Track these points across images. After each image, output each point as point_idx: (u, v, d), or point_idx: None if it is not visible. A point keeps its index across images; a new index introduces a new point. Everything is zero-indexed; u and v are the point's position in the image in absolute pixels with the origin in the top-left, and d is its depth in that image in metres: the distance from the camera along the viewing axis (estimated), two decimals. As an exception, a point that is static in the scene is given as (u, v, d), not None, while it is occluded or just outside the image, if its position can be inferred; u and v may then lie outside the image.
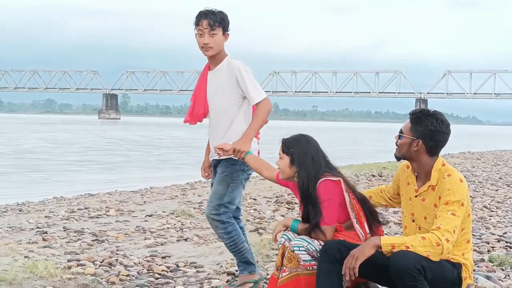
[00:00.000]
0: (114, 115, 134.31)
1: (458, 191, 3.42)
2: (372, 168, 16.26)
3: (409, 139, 3.57)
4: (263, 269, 5.24)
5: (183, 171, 20.66)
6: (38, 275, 4.73)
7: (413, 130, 3.57)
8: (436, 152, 3.56)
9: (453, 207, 3.38)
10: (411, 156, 3.59)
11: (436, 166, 3.54)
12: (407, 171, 3.72)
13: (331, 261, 3.50)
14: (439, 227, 3.33)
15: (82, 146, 33.83)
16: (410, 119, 3.63)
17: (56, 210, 9.02)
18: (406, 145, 3.58)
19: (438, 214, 3.40)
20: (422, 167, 3.58)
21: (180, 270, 5.22)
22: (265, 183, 13.55)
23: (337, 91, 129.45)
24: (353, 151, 38.14)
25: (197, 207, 9.36)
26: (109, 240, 6.61)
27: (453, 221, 3.35)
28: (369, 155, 29.90)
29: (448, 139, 3.58)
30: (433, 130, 3.52)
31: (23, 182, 16.22)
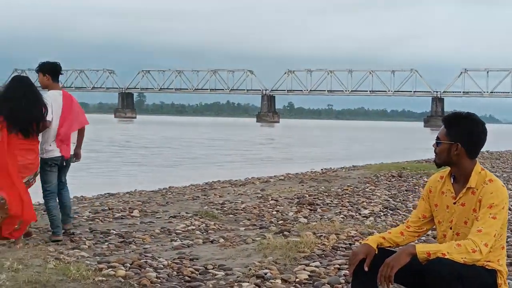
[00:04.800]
0: (130, 114, 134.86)
1: (501, 194, 3.44)
2: (391, 169, 16.21)
3: (447, 144, 3.58)
4: (291, 272, 5.27)
5: (198, 170, 20.79)
6: (71, 278, 4.80)
7: (450, 135, 3.58)
8: (475, 153, 3.57)
9: (495, 210, 3.40)
10: (452, 161, 3.59)
11: (476, 169, 3.56)
12: (441, 181, 3.72)
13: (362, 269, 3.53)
14: (480, 230, 3.35)
15: (100, 144, 34.01)
16: (444, 124, 3.63)
17: (81, 211, 9.10)
18: (445, 151, 3.59)
19: (480, 217, 3.41)
20: (462, 170, 3.58)
21: (209, 273, 5.26)
22: (285, 183, 13.59)
23: (353, 90, 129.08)
24: (369, 150, 38.06)
25: (219, 208, 9.40)
26: (136, 241, 6.67)
27: (494, 225, 3.37)
28: (386, 155, 29.80)
29: (486, 139, 3.60)
30: (470, 131, 3.54)
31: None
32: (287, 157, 29.94)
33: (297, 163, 24.85)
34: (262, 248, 5.97)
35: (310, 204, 9.66)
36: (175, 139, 45.06)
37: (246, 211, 9.11)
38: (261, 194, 11.17)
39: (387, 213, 9.01)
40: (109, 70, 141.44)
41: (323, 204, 9.80)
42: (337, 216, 8.66)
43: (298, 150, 35.64)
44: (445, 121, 3.64)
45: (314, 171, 18.12)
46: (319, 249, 6.02)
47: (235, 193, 11.65)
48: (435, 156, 3.66)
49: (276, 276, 5.09)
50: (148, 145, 35.83)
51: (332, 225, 7.26)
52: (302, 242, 6.04)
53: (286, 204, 9.80)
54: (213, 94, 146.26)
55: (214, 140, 45.74)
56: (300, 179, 14.49)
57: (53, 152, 6.75)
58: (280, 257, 5.65)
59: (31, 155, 6.41)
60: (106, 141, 37.57)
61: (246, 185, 13.47)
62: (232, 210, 9.17)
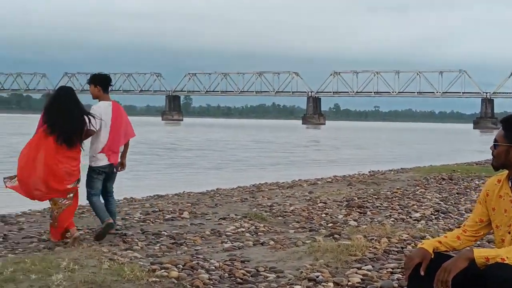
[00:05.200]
0: (177, 117, 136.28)
1: None
2: (441, 171, 15.97)
3: (505, 146, 3.51)
4: (343, 275, 5.24)
5: (243, 173, 20.86)
6: (125, 278, 4.87)
7: (508, 137, 3.51)
8: None
9: None
10: (510, 163, 3.52)
11: None
12: (498, 185, 3.65)
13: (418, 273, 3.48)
14: None
15: (145, 146, 34.44)
16: (503, 126, 3.57)
17: (131, 212, 9.24)
18: (503, 153, 3.52)
19: None
20: None
21: (260, 275, 5.27)
22: (333, 186, 13.53)
23: (400, 91, 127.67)
24: (417, 152, 37.57)
25: (268, 210, 9.42)
26: (187, 243, 6.74)
27: None
28: (435, 157, 29.39)
29: None
30: None
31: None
32: (332, 159, 29.78)
33: (343, 165, 24.70)
34: (313, 251, 5.95)
35: (359, 207, 9.59)
36: (219, 141, 45.26)
37: (295, 213, 9.09)
38: (309, 196, 11.14)
39: (438, 216, 8.87)
40: (156, 73, 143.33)
41: (373, 207, 9.72)
42: (388, 219, 8.57)
43: (344, 152, 35.42)
44: (504, 123, 3.57)
45: (362, 174, 17.98)
46: (370, 253, 5.96)
47: (283, 195, 11.65)
48: (492, 158, 3.59)
49: (328, 279, 5.07)
50: (192, 148, 36.04)
51: (383, 228, 7.18)
52: (353, 245, 5.99)
53: (335, 207, 9.75)
54: (259, 97, 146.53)
55: (258, 142, 45.78)
56: (348, 181, 14.39)
57: (102, 161, 7.02)
58: (332, 260, 5.62)
59: (74, 163, 6.70)
60: (151, 144, 37.95)
61: (293, 188, 13.46)
62: (281, 212, 9.17)
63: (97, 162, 7.02)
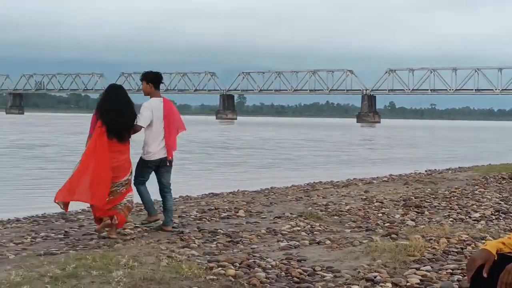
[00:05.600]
0: (231, 115, 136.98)
1: None
2: (500, 170, 15.56)
3: None
4: (401, 276, 5.17)
5: (293, 171, 20.82)
6: (183, 275, 4.93)
7: None
8: None
9: None
10: None
11: None
12: None
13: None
14: None
15: (197, 145, 34.76)
16: None
17: (188, 210, 9.34)
18: None
19: None
20: None
21: (317, 275, 5.25)
22: (389, 185, 13.36)
23: (457, 89, 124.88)
24: (475, 151, 36.78)
25: (323, 209, 9.37)
26: (243, 241, 6.77)
27: None
28: (494, 156, 28.70)
29: None
30: None
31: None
32: (385, 158, 29.42)
33: (397, 164, 24.39)
34: (370, 251, 5.89)
35: (417, 207, 9.45)
36: (271, 140, 45.19)
37: (351, 212, 9.03)
38: (365, 195, 11.03)
39: (499, 216, 8.66)
40: (210, 72, 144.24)
41: (431, 207, 9.56)
42: (446, 219, 8.42)
43: (397, 151, 34.90)
44: None
45: (418, 173, 17.71)
46: (429, 253, 5.86)
47: (338, 194, 11.58)
48: None
49: (386, 280, 5.01)
50: (243, 146, 36.04)
51: (442, 229, 7.05)
52: (411, 246, 5.91)
53: (391, 206, 9.63)
54: (312, 95, 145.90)
55: (310, 141, 45.50)
56: (405, 180, 14.20)
57: (154, 155, 7.32)
58: (389, 261, 5.56)
59: (123, 156, 7.05)
60: (203, 142, 38.21)
61: (349, 187, 13.36)
62: (336, 211, 9.12)
63: (149, 156, 7.32)
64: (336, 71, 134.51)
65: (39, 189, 14.69)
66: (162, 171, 7.45)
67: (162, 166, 7.41)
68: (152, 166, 7.36)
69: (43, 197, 13.20)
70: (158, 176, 7.50)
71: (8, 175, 17.45)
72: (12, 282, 4.70)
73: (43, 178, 16.91)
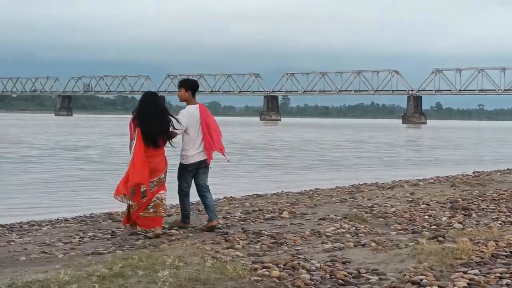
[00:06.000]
0: (274, 117, 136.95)
1: None
2: (552, 172, 15.19)
3: None
4: (448, 279, 5.09)
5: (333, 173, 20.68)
6: (228, 276, 4.96)
7: None
8: None
9: None
10: None
11: None
12: None
13: None
14: None
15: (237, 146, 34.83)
16: None
17: (232, 211, 9.39)
18: None
19: None
20: None
21: (362, 277, 5.20)
22: (436, 187, 13.17)
23: (506, 89, 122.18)
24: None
25: (368, 211, 9.30)
26: (287, 243, 6.77)
27: None
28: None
29: None
30: None
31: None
32: (428, 159, 28.96)
33: (443, 166, 24.02)
34: (416, 254, 5.82)
35: (464, 209, 9.29)
36: (313, 141, 44.89)
37: (397, 215, 8.94)
38: (411, 197, 10.91)
39: (549, 220, 8.44)
40: (255, 74, 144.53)
41: (478, 209, 9.39)
42: (494, 222, 8.26)
43: (441, 153, 34.31)
44: None
45: (465, 174, 17.43)
46: (477, 256, 5.75)
47: (383, 196, 11.48)
48: None
49: (433, 283, 4.94)
50: (284, 148, 35.72)
51: (490, 232, 6.92)
52: (458, 249, 5.81)
53: (438, 209, 9.50)
54: (357, 96, 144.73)
55: (352, 142, 45.04)
56: (452, 182, 13.99)
57: (192, 158, 7.66)
58: (436, 264, 5.48)
59: (157, 159, 7.48)
60: (243, 144, 38.15)
61: (394, 188, 13.23)
62: (381, 213, 9.04)
63: (187, 160, 7.66)
64: (381, 71, 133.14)
65: (82, 190, 14.97)
66: (199, 173, 7.79)
67: (199, 168, 7.75)
68: (192, 170, 7.71)
69: (89, 198, 13.47)
70: (195, 178, 7.83)
71: (51, 176, 17.82)
72: (61, 281, 4.80)
73: (85, 180, 17.21)
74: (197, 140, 7.66)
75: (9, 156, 25.23)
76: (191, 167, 7.69)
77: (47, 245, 6.92)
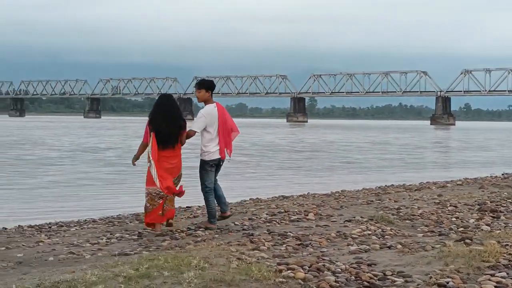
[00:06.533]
0: (301, 118, 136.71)
1: None
2: None
3: None
4: (475, 282, 5.03)
5: (367, 175, 20.53)
6: (253, 278, 4.97)
7: None
8: None
9: None
10: None
11: None
12: None
13: None
14: None
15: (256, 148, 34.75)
16: None
17: (258, 213, 9.40)
18: None
19: None
20: None
21: (388, 279, 5.17)
22: (463, 189, 13.03)
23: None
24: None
25: (395, 213, 9.23)
26: (313, 244, 6.76)
27: None
28: None
29: None
30: None
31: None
32: (451, 161, 28.60)
33: (470, 168, 23.73)
34: (443, 256, 5.76)
35: (492, 211, 9.18)
36: (335, 143, 44.43)
37: (424, 217, 8.86)
38: (439, 199, 10.81)
39: None
40: (281, 75, 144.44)
41: (507, 211, 9.28)
42: (524, 224, 8.14)
43: (467, 154, 33.83)
44: None
45: (494, 176, 17.21)
46: (505, 259, 5.67)
47: (410, 198, 11.39)
48: None
49: (459, 286, 4.89)
50: (305, 149, 35.22)
51: (519, 234, 6.82)
52: (486, 251, 5.74)
53: (466, 211, 9.40)
54: (385, 97, 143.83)
55: (375, 144, 44.51)
56: (480, 184, 13.83)
57: (213, 155, 8.00)
58: (463, 266, 5.42)
59: (174, 160, 7.88)
60: (264, 145, 37.93)
61: (421, 190, 13.12)
62: (408, 215, 8.97)
63: (209, 156, 7.99)
64: (409, 72, 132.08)
65: (102, 191, 15.11)
66: (217, 168, 8.17)
67: (219, 164, 8.14)
68: (213, 165, 8.04)
69: (113, 199, 13.60)
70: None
71: (69, 178, 17.92)
72: (88, 281, 4.86)
73: (102, 181, 17.35)
74: (216, 138, 8.00)
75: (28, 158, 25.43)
76: (212, 162, 8.01)
77: (75, 245, 7.01)
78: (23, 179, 17.50)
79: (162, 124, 7.77)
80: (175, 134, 7.85)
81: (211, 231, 7.79)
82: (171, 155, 7.84)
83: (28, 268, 5.88)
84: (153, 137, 7.75)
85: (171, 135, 7.81)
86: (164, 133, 7.76)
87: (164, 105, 7.96)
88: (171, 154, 7.83)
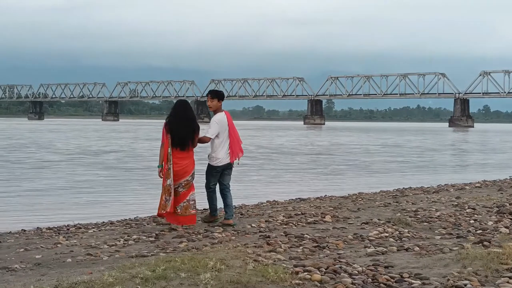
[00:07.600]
0: (319, 121, 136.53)
1: None
2: None
3: None
4: (493, 284, 4.99)
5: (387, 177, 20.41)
6: (269, 279, 4.97)
7: None
8: None
9: None
10: None
11: None
12: None
13: None
14: None
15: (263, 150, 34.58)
16: None
17: (275, 215, 9.40)
18: None
19: None
20: None
21: (405, 281, 5.14)
22: (482, 191, 12.93)
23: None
24: None
25: (413, 215, 9.19)
26: (329, 246, 6.74)
27: None
28: None
29: None
30: None
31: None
32: (470, 163, 28.30)
33: (489, 171, 23.51)
34: (461, 258, 5.72)
35: (511, 214, 9.09)
36: (344, 145, 43.46)
37: (441, 219, 8.80)
38: (457, 202, 10.73)
39: None
40: (298, 78, 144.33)
41: (526, 214, 9.16)
42: (543, 227, 8.04)
43: (488, 157, 33.44)
44: None
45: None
46: (523, 262, 5.62)
47: (428, 200, 11.32)
48: None
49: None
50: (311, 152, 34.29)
51: (538, 237, 6.75)
52: (504, 253, 5.69)
53: (484, 213, 9.32)
54: (403, 99, 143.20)
55: (385, 146, 43.85)
56: (499, 186, 13.71)
57: (222, 161, 8.56)
58: (481, 268, 5.38)
59: (185, 161, 8.37)
60: (272, 148, 37.50)
61: (439, 192, 13.04)
62: (426, 217, 8.92)
63: (217, 162, 8.56)
64: (427, 74, 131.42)
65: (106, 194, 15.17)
66: (225, 174, 8.68)
67: (225, 169, 8.65)
68: (219, 171, 8.61)
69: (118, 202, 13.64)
70: (220, 177, 8.70)
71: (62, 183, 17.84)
72: (105, 282, 4.89)
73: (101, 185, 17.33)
74: (226, 144, 8.57)
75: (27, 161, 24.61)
76: (219, 168, 8.59)
77: (93, 247, 7.05)
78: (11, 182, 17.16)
79: (177, 128, 8.31)
80: (189, 137, 8.37)
81: (228, 233, 7.80)
82: (183, 156, 8.35)
83: (46, 269, 5.93)
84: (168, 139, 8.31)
85: (186, 138, 8.34)
86: (178, 134, 8.29)
87: (180, 110, 8.50)
88: (183, 155, 8.35)
